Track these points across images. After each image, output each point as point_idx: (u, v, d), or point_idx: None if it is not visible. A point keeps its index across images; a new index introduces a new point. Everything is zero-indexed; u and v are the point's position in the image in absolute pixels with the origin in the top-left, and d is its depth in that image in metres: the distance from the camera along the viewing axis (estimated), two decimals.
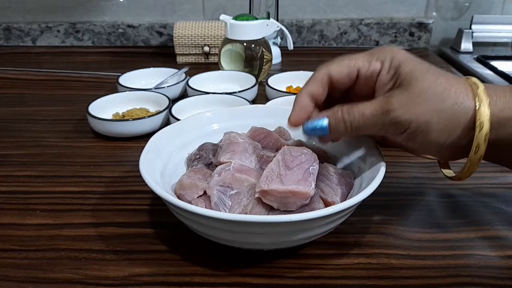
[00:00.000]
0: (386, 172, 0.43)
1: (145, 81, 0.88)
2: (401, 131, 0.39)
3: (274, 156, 0.46)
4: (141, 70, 0.90)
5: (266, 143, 0.52)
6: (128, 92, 0.77)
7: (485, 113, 0.37)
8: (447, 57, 1.15)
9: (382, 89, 0.41)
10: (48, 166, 0.61)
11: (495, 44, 1.19)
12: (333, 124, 0.42)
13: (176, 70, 0.89)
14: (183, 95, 0.83)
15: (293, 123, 0.44)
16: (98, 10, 1.22)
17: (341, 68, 0.42)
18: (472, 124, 0.38)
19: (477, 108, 0.37)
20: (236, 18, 0.88)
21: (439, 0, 1.21)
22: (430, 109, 0.37)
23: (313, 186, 0.42)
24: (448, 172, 0.46)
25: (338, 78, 0.42)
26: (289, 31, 0.99)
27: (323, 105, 0.45)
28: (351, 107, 0.41)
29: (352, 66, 0.42)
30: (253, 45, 0.88)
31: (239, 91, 0.77)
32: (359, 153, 0.50)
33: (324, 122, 0.42)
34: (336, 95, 0.45)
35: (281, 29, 0.94)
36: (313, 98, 0.43)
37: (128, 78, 0.86)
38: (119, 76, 0.85)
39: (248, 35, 0.87)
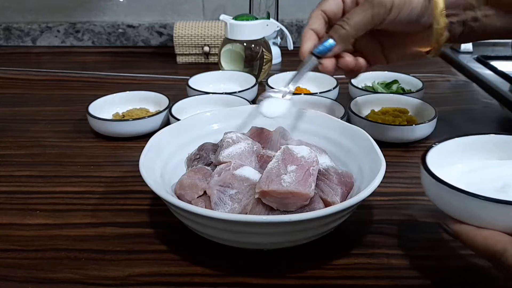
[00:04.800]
0: (386, 172, 0.43)
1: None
2: (388, 11, 0.48)
3: (274, 156, 0.46)
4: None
5: (266, 143, 0.52)
6: (128, 92, 0.77)
7: None
8: (447, 57, 1.15)
9: None
10: (48, 166, 0.61)
11: (495, 44, 1.19)
12: (335, 35, 0.50)
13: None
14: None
15: (304, 52, 0.52)
16: (98, 10, 1.22)
17: (329, 1, 0.53)
18: None
19: None
20: (236, 18, 0.88)
21: None
22: None
23: (313, 187, 0.42)
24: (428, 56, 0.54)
25: (329, 9, 0.52)
26: (289, 31, 0.99)
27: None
28: (343, 17, 0.50)
29: None
30: (253, 45, 0.88)
31: (239, 91, 0.77)
32: (359, 153, 0.50)
33: (328, 39, 0.50)
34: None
35: (281, 29, 0.94)
36: (315, 31, 0.52)
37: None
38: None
39: (248, 35, 0.87)
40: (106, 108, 0.73)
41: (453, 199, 0.35)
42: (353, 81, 0.83)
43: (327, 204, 0.44)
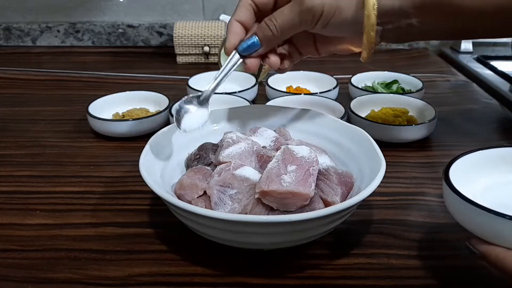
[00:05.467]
0: (386, 172, 0.43)
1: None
2: (317, 18, 0.44)
3: (274, 156, 0.46)
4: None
5: (266, 143, 0.52)
6: (128, 92, 0.77)
7: None
8: (447, 57, 1.15)
9: None
10: (48, 166, 0.61)
11: (495, 44, 1.19)
12: (261, 35, 0.47)
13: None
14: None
15: (228, 48, 0.48)
16: (98, 10, 1.22)
17: None
18: None
19: None
20: None
21: None
22: None
23: (313, 187, 0.42)
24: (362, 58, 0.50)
25: None
26: None
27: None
28: (271, 15, 0.46)
29: None
30: None
31: (239, 91, 0.77)
32: (359, 153, 0.50)
33: (254, 38, 0.47)
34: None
35: None
36: (242, 23, 0.48)
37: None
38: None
39: None
40: (106, 108, 0.73)
41: (480, 218, 0.33)
42: (353, 81, 0.83)
43: (327, 204, 0.44)
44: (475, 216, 0.34)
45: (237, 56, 0.48)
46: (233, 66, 0.49)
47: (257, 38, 0.47)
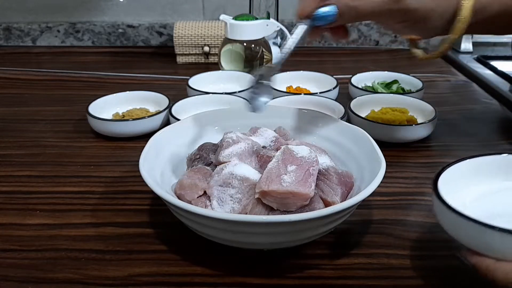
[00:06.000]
0: (386, 172, 0.43)
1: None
2: (407, 19, 0.42)
3: (274, 156, 0.46)
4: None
5: (266, 143, 0.52)
6: (128, 92, 0.77)
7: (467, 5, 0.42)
8: (447, 57, 1.15)
9: None
10: (48, 166, 0.61)
11: (495, 44, 1.19)
12: (342, 10, 0.43)
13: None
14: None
15: (302, 12, 0.45)
16: (98, 10, 1.22)
17: None
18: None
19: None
20: (236, 18, 0.88)
21: None
22: None
23: (313, 187, 0.42)
24: (416, 52, 0.50)
25: None
26: (289, 31, 0.99)
27: None
28: None
29: None
30: (253, 45, 0.88)
31: (239, 91, 0.77)
32: (359, 153, 0.50)
33: (334, 9, 0.43)
34: None
35: (281, 29, 0.94)
36: None
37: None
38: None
39: (248, 35, 0.87)
40: (106, 108, 0.73)
41: (469, 230, 0.33)
42: (353, 81, 0.83)
43: (327, 204, 0.44)
44: (463, 228, 0.34)
45: (303, 24, 0.45)
46: (304, 34, 0.45)
47: (335, 9, 0.43)
